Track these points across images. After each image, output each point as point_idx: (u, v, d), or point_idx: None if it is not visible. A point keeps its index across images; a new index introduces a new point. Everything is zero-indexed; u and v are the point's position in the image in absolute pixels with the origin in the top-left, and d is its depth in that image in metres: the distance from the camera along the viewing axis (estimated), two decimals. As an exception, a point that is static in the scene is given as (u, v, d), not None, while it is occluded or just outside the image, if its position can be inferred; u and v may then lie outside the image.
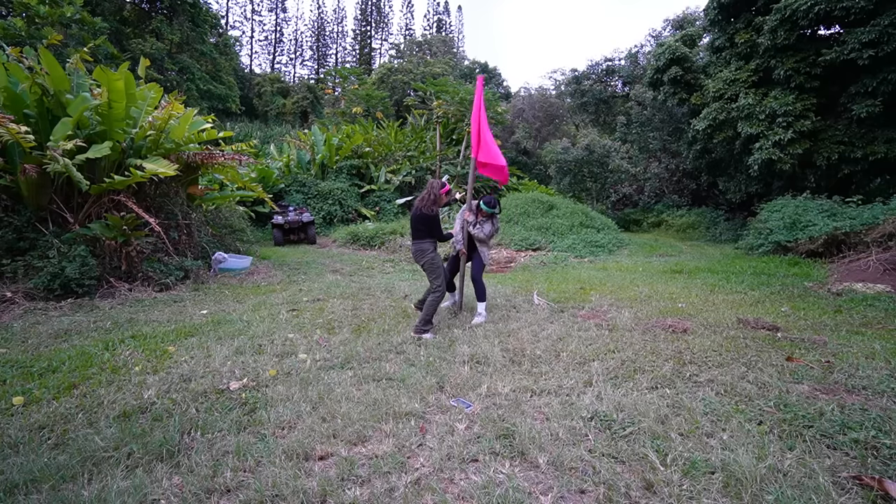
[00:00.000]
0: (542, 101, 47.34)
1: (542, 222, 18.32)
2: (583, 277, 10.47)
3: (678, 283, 9.80)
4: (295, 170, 24.73)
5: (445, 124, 28.41)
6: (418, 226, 6.45)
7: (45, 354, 5.43)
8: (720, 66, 20.58)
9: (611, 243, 17.58)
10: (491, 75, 63.64)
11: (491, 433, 3.66)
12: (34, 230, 8.68)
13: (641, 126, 29.91)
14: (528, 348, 5.58)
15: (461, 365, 5.10)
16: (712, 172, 24.09)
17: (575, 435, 3.63)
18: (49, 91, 8.78)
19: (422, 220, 6.42)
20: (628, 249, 17.58)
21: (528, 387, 4.47)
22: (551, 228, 17.81)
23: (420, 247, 6.48)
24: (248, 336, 6.10)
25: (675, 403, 4.10)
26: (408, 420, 3.88)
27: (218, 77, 42.61)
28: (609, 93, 36.35)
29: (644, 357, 5.24)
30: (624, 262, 14.09)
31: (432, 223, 6.42)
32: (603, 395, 4.26)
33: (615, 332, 6.24)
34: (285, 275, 11.56)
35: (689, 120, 22.52)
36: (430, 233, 6.45)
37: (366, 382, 4.63)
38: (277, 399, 4.22)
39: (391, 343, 5.88)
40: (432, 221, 6.41)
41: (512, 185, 28.69)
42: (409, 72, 55.16)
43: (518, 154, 45.94)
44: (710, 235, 23.05)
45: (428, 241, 6.48)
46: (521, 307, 7.83)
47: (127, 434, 3.57)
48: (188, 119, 10.64)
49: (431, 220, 6.40)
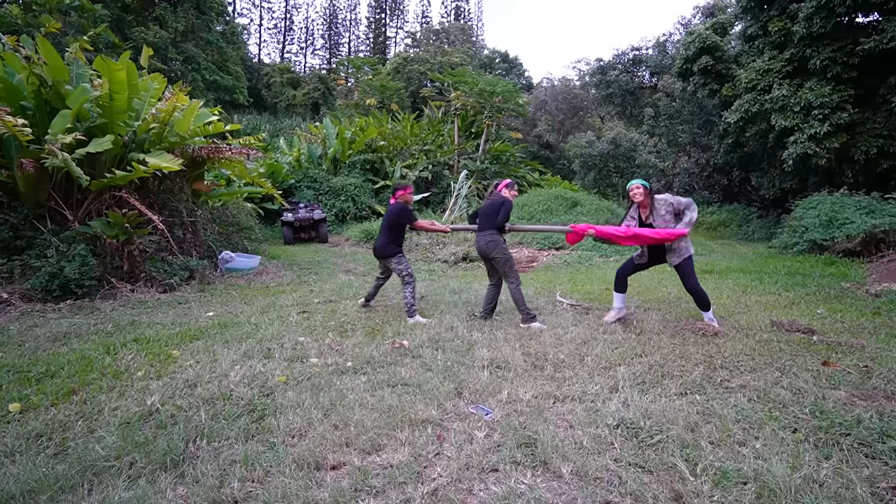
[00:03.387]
0: (566, 92, 47.17)
1: (566, 219, 18.01)
2: (608, 278, 10.33)
3: (709, 284, 9.64)
4: (306, 164, 24.83)
5: (464, 116, 28.37)
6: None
7: (43, 359, 5.47)
8: (753, 56, 20.31)
9: (638, 242, 17.33)
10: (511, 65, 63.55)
11: (512, 441, 3.64)
12: (31, 228, 8.79)
13: (670, 119, 29.58)
14: (550, 352, 5.56)
15: (480, 370, 5.08)
16: (744, 167, 23.88)
17: (600, 443, 3.62)
18: (47, 82, 8.87)
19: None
20: (656, 249, 17.36)
21: (551, 393, 4.46)
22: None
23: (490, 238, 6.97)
24: (257, 339, 6.11)
25: (705, 410, 4.08)
26: (424, 428, 3.86)
27: (225, 67, 42.92)
28: (636, 84, 35.96)
29: (673, 361, 5.23)
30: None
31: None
32: (629, 401, 4.24)
33: (642, 335, 6.22)
34: (295, 275, 11.60)
35: (721, 112, 22.22)
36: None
37: (380, 388, 4.62)
38: (287, 406, 4.22)
39: (406, 346, 5.88)
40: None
41: (534, 181, 28.59)
42: (425, 61, 55.16)
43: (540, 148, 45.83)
44: (742, 233, 22.85)
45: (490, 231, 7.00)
46: (544, 309, 7.80)
47: (129, 442, 3.58)
48: (193, 111, 10.68)
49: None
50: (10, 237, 8.65)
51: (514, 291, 6.81)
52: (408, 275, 7.30)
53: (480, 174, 25.61)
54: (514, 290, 6.80)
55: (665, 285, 9.59)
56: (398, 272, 7.34)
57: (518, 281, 6.86)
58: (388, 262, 7.49)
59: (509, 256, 6.86)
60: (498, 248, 6.78)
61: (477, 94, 26.65)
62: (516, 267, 7.33)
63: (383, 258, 7.52)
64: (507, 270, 6.84)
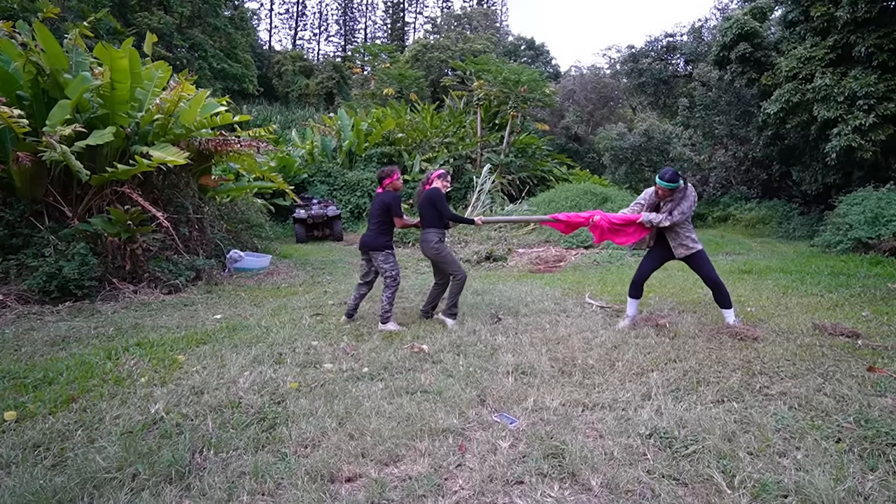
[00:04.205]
0: (595, 81, 47.02)
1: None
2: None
3: (747, 285, 9.68)
4: (319, 158, 24.95)
5: (487, 107, 28.30)
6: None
7: (41, 364, 5.51)
8: (794, 43, 20.16)
9: (672, 240, 17.28)
10: (538, 52, 63.26)
11: (538, 452, 3.63)
12: (28, 225, 8.87)
13: (706, 109, 29.36)
14: (579, 357, 5.56)
15: (505, 376, 5.08)
16: (785, 161, 23.73)
17: (632, 454, 3.60)
18: (45, 70, 8.94)
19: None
20: (691, 247, 17.29)
21: (580, 400, 4.46)
22: None
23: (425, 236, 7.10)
24: (267, 344, 6.13)
25: (743, 419, 4.07)
26: (445, 437, 3.86)
27: (233, 55, 43.18)
28: (670, 72, 35.69)
29: (709, 367, 5.22)
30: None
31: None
32: (663, 409, 4.25)
33: (677, 338, 6.20)
34: (308, 275, 11.64)
35: (759, 102, 22.17)
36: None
37: (398, 395, 4.62)
38: (300, 414, 4.22)
39: (426, 351, 5.88)
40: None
41: (561, 176, 28.47)
42: (446, 48, 55.05)
43: (568, 140, 45.63)
44: (782, 231, 22.75)
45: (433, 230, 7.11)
46: (573, 311, 7.78)
47: (132, 453, 3.58)
48: (200, 101, 10.76)
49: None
50: (6, 235, 8.73)
51: (454, 288, 7.12)
52: (391, 277, 6.98)
53: (505, 168, 25.53)
54: (456, 287, 7.11)
55: (701, 286, 9.47)
56: (383, 271, 6.99)
57: (463, 280, 7.15)
58: (375, 256, 6.99)
59: (446, 253, 7.08)
60: (429, 248, 7.02)
61: (501, 83, 26.57)
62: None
63: (372, 250, 7.00)
64: (447, 268, 7.10)
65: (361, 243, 7.19)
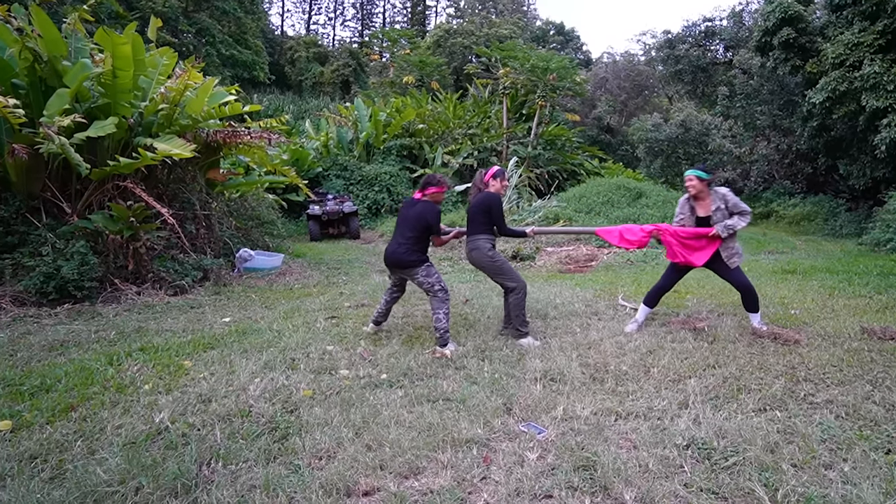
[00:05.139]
0: (629, 68, 47.18)
1: (629, 213, 18.44)
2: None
3: (791, 286, 9.66)
4: (335, 151, 25.09)
5: (513, 96, 28.33)
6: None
7: (38, 370, 5.55)
8: (841, 28, 20.15)
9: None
10: (567, 38, 63.38)
11: (568, 464, 3.64)
12: (24, 222, 8.92)
13: (747, 98, 29.37)
14: (611, 363, 5.59)
15: (532, 383, 5.09)
16: (831, 154, 23.76)
17: (668, 466, 3.62)
18: (42, 57, 8.98)
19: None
20: (731, 245, 17.34)
21: (613, 409, 4.48)
22: (640, 220, 17.67)
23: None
24: (279, 349, 6.14)
25: (786, 429, 4.08)
26: (469, 448, 3.87)
27: (243, 40, 43.48)
28: (708, 59, 35.72)
29: (750, 373, 5.23)
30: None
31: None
32: (701, 418, 4.26)
33: (716, 343, 6.23)
34: (323, 275, 11.68)
35: (804, 91, 22.28)
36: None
37: (419, 403, 4.63)
38: (314, 423, 4.23)
39: (449, 356, 5.89)
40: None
41: (593, 169, 28.40)
42: (470, 34, 55.16)
43: (600, 132, 45.73)
44: (828, 228, 22.94)
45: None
46: (604, 314, 7.79)
47: (135, 465, 3.59)
48: (207, 90, 10.77)
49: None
50: (1, 233, 8.79)
51: (515, 302, 6.46)
52: (441, 290, 6.31)
53: (532, 161, 25.53)
54: (516, 301, 6.46)
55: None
56: (427, 287, 6.32)
57: (523, 290, 6.51)
58: (410, 274, 6.39)
59: (502, 262, 6.52)
60: (483, 257, 6.45)
61: (528, 70, 26.57)
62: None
63: (404, 269, 6.42)
64: (503, 280, 6.53)
65: (389, 259, 6.47)
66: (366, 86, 51.10)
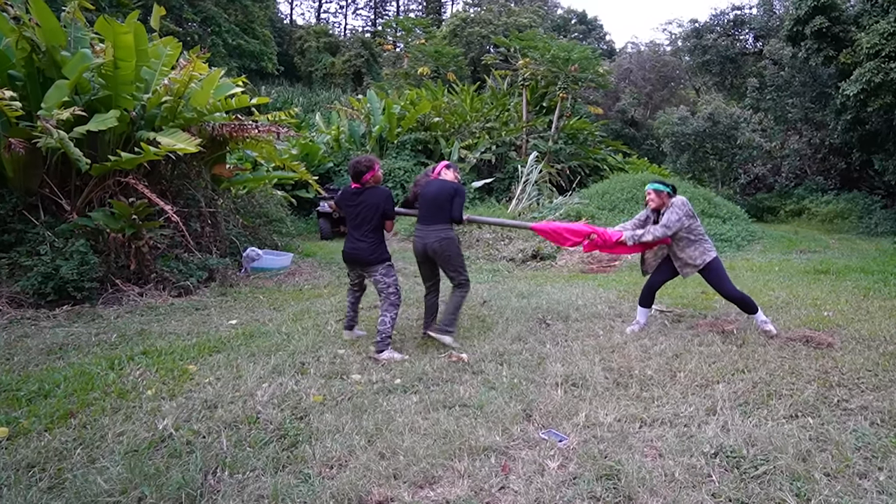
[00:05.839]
0: (654, 59, 47.36)
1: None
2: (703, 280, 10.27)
3: (823, 287, 9.75)
4: (346, 145, 25.13)
5: (533, 88, 28.28)
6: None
7: (36, 375, 5.57)
8: (876, 16, 20.08)
9: (739, 236, 17.82)
10: (590, 27, 63.46)
11: (590, 473, 3.66)
12: (21, 220, 8.94)
13: (778, 90, 29.35)
14: (636, 367, 5.66)
15: (553, 388, 5.13)
16: (866, 148, 23.77)
17: (695, 475, 3.63)
18: (40, 47, 9.00)
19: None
20: (761, 244, 17.74)
21: (637, 415, 4.52)
22: None
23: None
24: (288, 352, 6.17)
25: (819, 436, 4.12)
26: (486, 456, 3.89)
27: (250, 29, 43.72)
28: (737, 49, 35.80)
29: (781, 378, 5.29)
30: (756, 260, 14.13)
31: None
32: (730, 425, 4.29)
33: (745, 346, 6.29)
34: (334, 276, 11.70)
35: (838, 83, 22.23)
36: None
37: (434, 409, 4.65)
38: (324, 430, 4.24)
39: (466, 360, 5.91)
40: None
41: (616, 165, 28.34)
42: (488, 23, 55.23)
43: (624, 125, 45.80)
44: (863, 227, 22.92)
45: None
46: (629, 316, 7.83)
47: (137, 474, 3.60)
48: (213, 82, 10.78)
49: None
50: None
51: (457, 299, 6.58)
52: (395, 294, 6.36)
53: (553, 156, 25.49)
54: (459, 297, 6.59)
55: (772, 288, 9.62)
56: (382, 287, 6.35)
57: (467, 288, 6.69)
58: (371, 271, 6.39)
59: (462, 257, 6.70)
60: (454, 247, 6.51)
61: (549, 61, 26.49)
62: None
63: (367, 266, 6.40)
64: (459, 274, 6.57)
65: (352, 257, 6.46)
66: (379, 77, 51.19)
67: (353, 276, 6.84)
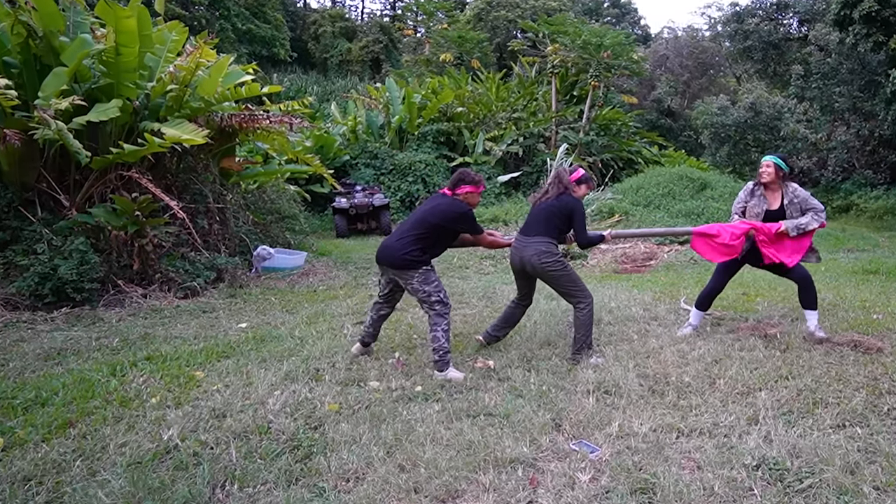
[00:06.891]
0: (692, 45, 47.40)
1: (693, 206, 18.62)
2: (745, 280, 10.25)
3: (873, 288, 9.72)
4: (364, 137, 25.20)
5: (563, 76, 28.30)
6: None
7: (33, 382, 5.61)
8: None
9: (783, 234, 17.52)
10: (624, 11, 63.35)
11: (624, 486, 3.64)
12: (17, 217, 8.99)
13: (824, 78, 29.30)
14: (673, 373, 5.59)
15: (584, 396, 5.10)
16: None
17: (735, 489, 3.61)
18: (37, 32, 9.06)
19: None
20: (806, 242, 17.42)
21: (674, 425, 4.49)
22: (704, 214, 17.95)
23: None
24: (302, 358, 6.17)
25: (868, 447, 4.08)
26: (513, 469, 3.88)
27: (261, 14, 43.90)
28: (781, 34, 35.75)
29: (827, 385, 5.23)
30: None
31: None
32: (773, 435, 4.25)
33: (789, 352, 6.22)
34: (351, 276, 11.74)
35: (888, 70, 22.41)
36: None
37: (458, 419, 4.63)
38: (340, 441, 4.23)
39: (492, 367, 5.91)
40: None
41: (652, 157, 28.27)
42: (515, 6, 55.06)
43: (660, 116, 45.73)
44: None
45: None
46: (665, 319, 7.82)
47: (140, 487, 3.61)
48: (222, 69, 10.81)
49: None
50: (-9, 228, 8.88)
51: (583, 317, 6.04)
52: (439, 302, 5.73)
53: (585, 149, 25.46)
54: (585, 316, 6.03)
55: (818, 289, 9.39)
56: (422, 297, 5.77)
57: (591, 303, 6.09)
58: (404, 277, 5.77)
59: (570, 271, 6.13)
60: (554, 261, 5.95)
61: (580, 47, 26.49)
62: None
63: (398, 269, 5.77)
64: (571, 289, 6.08)
65: (384, 257, 5.87)
66: (398, 64, 51.23)
67: (382, 283, 6.20)
